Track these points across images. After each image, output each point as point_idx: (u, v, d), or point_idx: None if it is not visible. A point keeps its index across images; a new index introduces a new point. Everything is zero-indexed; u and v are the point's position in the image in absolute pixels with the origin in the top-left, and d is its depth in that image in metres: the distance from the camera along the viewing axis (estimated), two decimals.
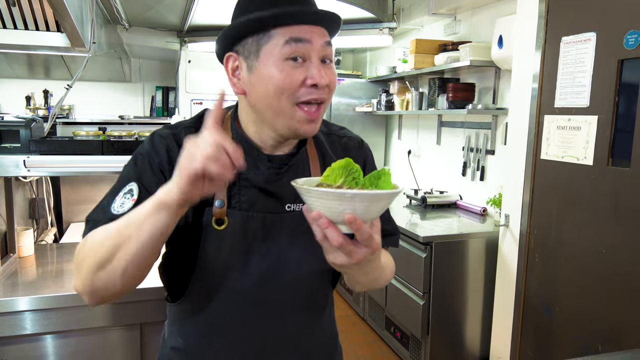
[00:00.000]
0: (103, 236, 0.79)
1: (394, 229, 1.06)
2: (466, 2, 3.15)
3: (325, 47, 0.85)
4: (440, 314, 2.68)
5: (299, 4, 0.84)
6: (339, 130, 1.07)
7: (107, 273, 0.77)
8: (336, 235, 0.68)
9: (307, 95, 0.83)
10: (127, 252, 0.75)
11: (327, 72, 0.85)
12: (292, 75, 0.82)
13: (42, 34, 1.96)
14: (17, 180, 2.06)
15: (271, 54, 0.82)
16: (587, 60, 1.96)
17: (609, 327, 1.91)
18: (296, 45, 0.82)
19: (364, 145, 1.08)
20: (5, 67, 4.25)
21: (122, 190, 0.87)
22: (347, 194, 0.66)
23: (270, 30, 0.82)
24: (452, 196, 3.40)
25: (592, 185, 1.96)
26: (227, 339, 0.93)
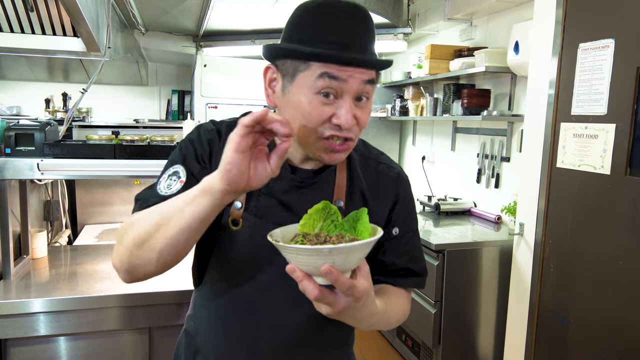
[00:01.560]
0: (146, 215, 0.80)
1: (421, 269, 1.02)
2: (482, 8, 3.12)
3: (364, 85, 0.82)
4: (452, 322, 2.64)
5: (344, 43, 0.80)
6: (378, 155, 1.04)
7: (144, 250, 0.78)
8: (312, 288, 0.67)
9: (331, 131, 0.82)
10: (166, 234, 0.76)
11: (359, 113, 0.83)
12: (320, 110, 0.81)
13: (59, 39, 1.99)
14: (32, 182, 2.09)
15: (305, 83, 0.81)
16: (605, 67, 1.92)
17: (626, 339, 1.86)
18: (330, 81, 0.79)
19: (402, 177, 1.02)
20: (25, 70, 4.33)
21: (166, 172, 0.90)
22: (323, 249, 0.65)
23: (309, 61, 0.80)
24: (466, 203, 3.36)
25: (609, 195, 1.92)
26: (229, 332, 0.95)
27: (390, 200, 0.99)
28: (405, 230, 1.00)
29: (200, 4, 3.13)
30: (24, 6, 1.82)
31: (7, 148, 1.62)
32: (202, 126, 0.95)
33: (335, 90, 0.80)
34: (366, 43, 0.82)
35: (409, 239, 1.00)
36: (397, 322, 0.96)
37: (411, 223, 1.02)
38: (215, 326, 0.97)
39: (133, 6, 2.99)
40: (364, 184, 0.97)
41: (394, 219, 0.99)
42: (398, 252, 0.99)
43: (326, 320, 0.97)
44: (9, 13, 1.86)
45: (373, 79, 0.83)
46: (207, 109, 4.57)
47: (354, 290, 0.68)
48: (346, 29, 0.80)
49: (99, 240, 2.38)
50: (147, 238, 0.78)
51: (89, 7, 1.84)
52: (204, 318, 0.99)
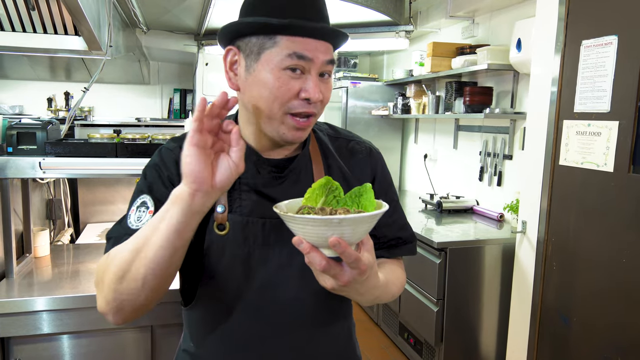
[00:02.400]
0: (121, 248, 0.78)
1: (410, 236, 1.04)
2: (484, 5, 3.11)
3: (327, 65, 0.85)
4: (455, 321, 2.64)
5: (309, 16, 0.82)
6: (347, 134, 1.06)
7: (127, 283, 0.75)
8: (319, 259, 0.68)
9: (299, 107, 0.83)
10: (146, 257, 0.73)
11: (323, 88, 0.85)
12: (288, 85, 0.82)
13: (61, 38, 2.00)
14: (35, 181, 2.09)
15: (272, 60, 0.82)
16: (608, 65, 1.91)
17: (629, 338, 1.85)
18: (297, 60, 0.81)
19: (374, 151, 1.05)
20: (27, 70, 4.34)
21: (134, 204, 0.88)
22: (333, 220, 0.65)
23: (276, 37, 0.81)
24: (468, 201, 3.35)
25: (612, 193, 1.91)
26: (234, 345, 0.93)
27: (368, 175, 1.01)
28: (388, 201, 1.00)
29: (202, 2, 3.13)
30: (26, 5, 1.82)
31: (9, 147, 1.62)
32: (163, 147, 0.94)
33: (303, 67, 0.82)
34: (326, 13, 0.87)
35: (393, 209, 0.99)
36: (398, 292, 0.97)
37: (392, 194, 1.04)
38: (221, 337, 0.94)
39: (134, 5, 2.99)
40: (340, 163, 0.98)
41: (377, 191, 0.99)
42: (387, 223, 1.00)
43: (326, 315, 0.97)
44: (10, 12, 1.86)
45: (334, 59, 0.87)
46: None
47: (359, 263, 0.68)
48: (309, 2, 0.83)
49: (101, 239, 2.38)
50: (127, 268, 0.74)
51: (90, 5, 1.84)
52: (204, 335, 0.96)
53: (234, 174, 0.73)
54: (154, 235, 0.73)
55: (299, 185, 0.91)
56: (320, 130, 1.02)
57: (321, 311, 0.97)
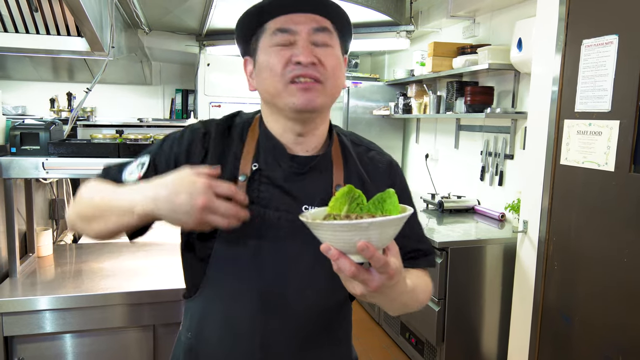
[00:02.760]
0: (90, 200, 0.91)
1: (428, 248, 1.04)
2: (485, 5, 3.11)
3: (315, 32, 0.88)
4: (456, 320, 2.64)
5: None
6: (369, 144, 1.08)
7: (83, 226, 0.93)
8: (348, 265, 0.68)
9: (295, 71, 0.86)
10: (97, 226, 0.89)
11: (320, 53, 0.88)
12: (279, 56, 0.87)
13: (63, 39, 2.01)
14: (38, 181, 2.11)
15: (264, 44, 0.89)
16: (609, 64, 1.92)
17: (631, 338, 1.85)
18: (282, 35, 0.87)
19: (394, 164, 1.07)
20: (30, 70, 4.36)
21: (139, 157, 0.97)
22: (362, 223, 0.65)
23: (264, 25, 0.89)
24: (469, 201, 3.35)
25: (613, 192, 1.91)
26: (234, 336, 0.94)
27: (386, 185, 0.99)
28: None
29: (203, 3, 3.14)
30: (29, 7, 1.83)
31: (13, 147, 1.63)
32: (190, 126, 0.99)
33: (289, 40, 0.87)
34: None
35: (411, 221, 1.01)
36: (425, 298, 0.96)
37: (411, 205, 1.03)
38: (222, 328, 0.94)
39: (136, 6, 3.00)
40: (360, 167, 1.00)
41: None
42: (405, 234, 0.98)
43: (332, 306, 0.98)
44: (13, 13, 1.87)
45: (326, 26, 0.89)
46: (211, 107, 4.58)
47: (388, 267, 0.69)
48: None
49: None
50: (86, 220, 0.91)
51: (93, 7, 1.85)
52: (207, 327, 0.96)
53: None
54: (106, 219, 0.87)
55: (317, 183, 0.93)
56: (344, 135, 1.04)
57: (324, 309, 0.97)
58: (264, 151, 0.94)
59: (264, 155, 0.94)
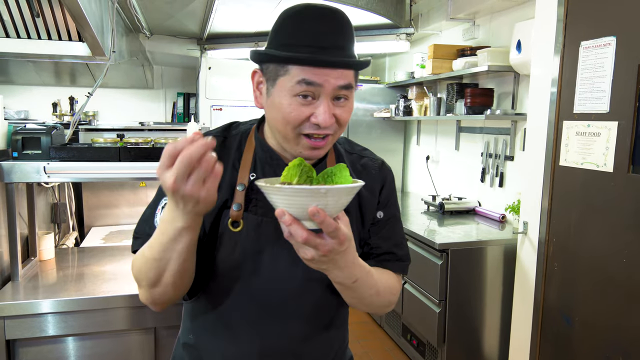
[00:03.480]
0: (148, 261, 0.87)
1: (404, 255, 1.06)
2: (484, 7, 3.12)
3: (340, 90, 0.85)
4: (457, 322, 2.65)
5: (321, 44, 0.83)
6: (361, 150, 1.09)
7: (160, 289, 0.88)
8: (300, 231, 0.70)
9: (310, 129, 0.86)
10: (172, 270, 0.84)
11: (338, 111, 0.87)
12: (299, 110, 0.85)
13: (65, 44, 2.03)
14: (40, 185, 2.12)
15: (284, 86, 0.85)
16: (607, 65, 1.92)
17: (631, 338, 1.85)
18: (307, 87, 0.83)
19: (385, 167, 1.09)
20: (32, 75, 4.39)
21: (159, 204, 0.96)
22: (320, 189, 0.68)
23: (287, 66, 0.84)
24: (470, 202, 3.36)
25: (612, 193, 1.91)
26: (234, 338, 0.96)
27: (377, 187, 1.04)
28: (389, 215, 1.05)
29: (204, 7, 3.16)
30: (31, 12, 1.85)
31: (15, 152, 1.65)
32: None
33: (313, 93, 0.84)
34: (342, 45, 0.85)
35: (393, 224, 1.05)
36: (384, 291, 0.96)
37: (394, 209, 1.07)
38: (222, 331, 0.97)
39: (137, 11, 3.02)
40: (353, 174, 1.00)
41: (380, 203, 1.04)
42: (383, 235, 1.03)
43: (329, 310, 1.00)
44: (15, 19, 1.89)
45: (350, 83, 0.86)
46: (212, 111, 4.60)
47: (339, 232, 0.71)
48: (321, 32, 0.84)
49: (105, 242, 2.41)
50: (158, 279, 0.86)
51: (94, 12, 1.87)
52: (207, 329, 0.99)
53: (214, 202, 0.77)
54: (173, 254, 0.82)
55: None
56: (339, 143, 1.06)
57: (321, 313, 0.99)
58: (261, 161, 0.96)
59: (261, 166, 0.96)
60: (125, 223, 2.79)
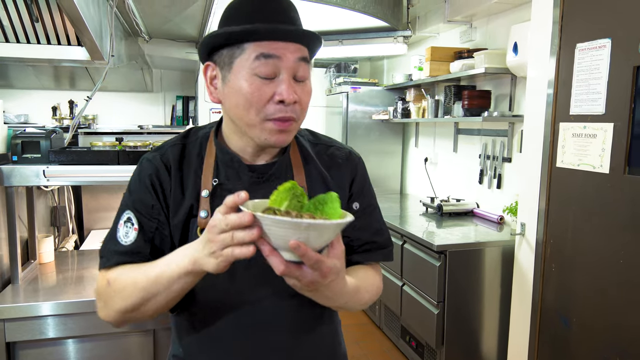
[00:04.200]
0: (132, 287, 0.84)
1: (385, 240, 1.04)
2: (481, 9, 3.14)
3: (298, 63, 0.85)
4: (456, 323, 2.65)
5: (273, 20, 0.83)
6: (327, 140, 1.07)
7: (137, 314, 0.86)
8: (277, 263, 0.69)
9: (276, 113, 0.84)
10: (157, 302, 0.83)
11: (299, 90, 0.86)
12: (261, 89, 0.83)
13: (64, 48, 2.04)
14: (39, 189, 2.13)
15: (242, 67, 0.84)
16: (602, 67, 1.94)
17: (628, 338, 1.86)
18: (265, 61, 0.82)
19: (353, 155, 1.05)
20: (32, 79, 4.40)
21: (121, 218, 0.93)
22: (302, 223, 0.65)
23: (243, 44, 0.83)
24: (468, 204, 3.37)
25: (608, 194, 1.93)
26: (221, 349, 0.94)
27: (347, 178, 1.02)
28: (365, 205, 1.03)
29: (202, 11, 3.17)
30: (30, 17, 1.87)
31: (14, 155, 1.66)
32: (144, 158, 0.97)
33: (273, 68, 0.83)
34: (295, 17, 0.87)
35: (370, 213, 1.03)
36: (370, 299, 0.96)
37: (369, 198, 1.05)
38: (207, 345, 0.95)
39: (136, 15, 3.04)
40: (321, 168, 0.99)
41: (354, 194, 1.02)
42: (362, 226, 1.00)
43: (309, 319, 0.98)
44: (15, 24, 1.91)
45: (306, 56, 0.86)
46: (211, 114, 4.62)
47: (322, 265, 0.70)
48: (272, 7, 0.84)
49: None
50: (139, 306, 0.84)
51: (92, 17, 1.88)
52: (192, 341, 0.97)
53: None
54: (166, 290, 0.81)
55: (276, 185, 0.93)
56: (301, 136, 1.04)
57: (303, 315, 0.97)
58: (223, 165, 0.94)
59: (223, 170, 0.94)
60: None
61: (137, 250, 0.90)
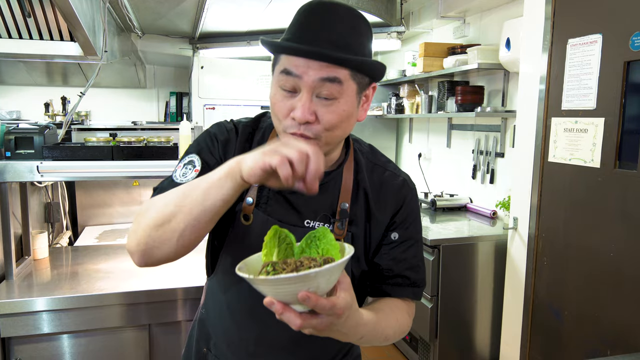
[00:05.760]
0: (169, 197, 0.81)
1: (419, 280, 1.00)
2: (475, 5, 3.15)
3: (321, 82, 0.80)
4: (449, 317, 2.68)
5: (306, 39, 0.81)
6: (386, 163, 1.04)
7: (164, 231, 0.79)
8: (294, 318, 0.68)
9: (290, 128, 0.83)
10: (189, 214, 0.78)
11: (321, 110, 0.82)
12: (282, 102, 0.84)
13: (56, 44, 2.03)
14: (33, 185, 2.13)
15: (275, 76, 0.85)
16: (594, 62, 1.96)
17: (618, 330, 1.89)
18: (286, 78, 0.82)
19: (406, 185, 1.02)
20: (24, 75, 4.37)
21: (182, 161, 0.94)
22: (310, 274, 0.63)
23: (279, 55, 0.84)
24: (462, 199, 3.39)
25: (599, 188, 1.95)
26: (235, 323, 0.99)
27: (393, 206, 0.99)
28: (405, 237, 1.00)
29: (195, 6, 3.16)
30: (22, 12, 1.86)
31: (7, 151, 1.66)
32: (222, 123, 1.00)
33: (293, 85, 0.82)
34: (335, 39, 0.81)
35: (409, 247, 1.00)
36: (394, 334, 0.93)
37: (413, 232, 1.01)
38: (225, 315, 1.01)
39: (129, 10, 3.03)
40: (369, 188, 0.98)
41: (396, 224, 0.99)
42: (396, 258, 0.98)
43: None
44: (6, 19, 1.90)
45: (335, 77, 0.80)
46: (205, 110, 4.60)
47: (335, 309, 0.68)
48: (314, 24, 0.82)
49: (99, 241, 2.42)
50: (168, 219, 0.79)
51: (85, 12, 1.87)
52: (215, 307, 1.04)
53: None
54: (203, 196, 0.77)
55: (323, 200, 0.94)
56: (361, 152, 1.02)
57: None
58: None
59: None
60: (118, 222, 2.79)
61: None
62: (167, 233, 0.79)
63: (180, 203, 0.79)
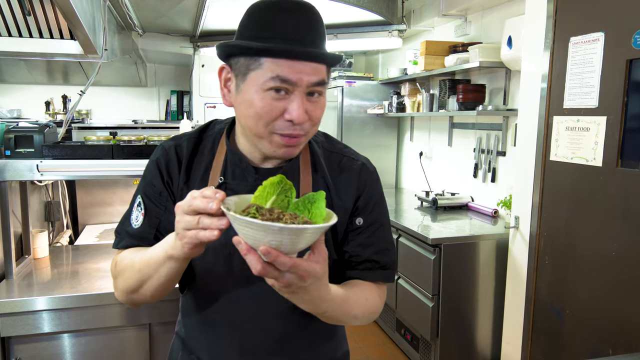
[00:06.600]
0: (130, 269, 0.91)
1: (389, 262, 1.00)
2: (476, 3, 3.14)
3: (315, 85, 0.83)
4: (450, 316, 2.67)
5: (296, 38, 0.80)
6: (342, 149, 1.03)
7: (138, 295, 0.92)
8: (255, 262, 0.68)
9: (284, 129, 0.83)
10: (151, 285, 0.89)
11: (311, 108, 0.84)
12: (271, 105, 0.82)
13: (56, 42, 2.03)
14: (33, 183, 2.12)
15: (256, 81, 0.82)
16: (596, 61, 1.95)
17: (620, 330, 1.88)
18: (281, 84, 0.80)
19: (365, 169, 1.01)
20: (25, 74, 4.37)
21: (135, 201, 0.99)
22: (273, 227, 0.63)
23: (260, 59, 0.81)
24: (463, 198, 3.38)
25: (601, 187, 1.94)
26: (216, 336, 0.98)
27: (354, 192, 0.98)
28: (370, 222, 0.99)
29: (196, 4, 3.16)
30: (22, 10, 1.85)
31: (7, 150, 1.65)
32: (160, 147, 1.00)
33: (287, 89, 0.81)
34: (313, 39, 0.82)
35: (374, 230, 0.99)
36: (363, 314, 0.93)
37: (378, 215, 1.00)
38: (204, 329, 0.99)
39: (129, 8, 3.02)
40: (328, 177, 0.97)
41: (359, 209, 0.98)
42: (362, 243, 0.98)
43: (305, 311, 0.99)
44: (7, 18, 1.89)
45: (324, 79, 0.84)
46: (206, 108, 4.60)
47: (298, 269, 0.68)
48: (293, 25, 0.81)
49: (99, 240, 2.41)
50: (137, 287, 0.91)
51: (85, 10, 1.87)
52: (192, 323, 1.02)
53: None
54: (156, 274, 0.86)
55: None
56: (315, 141, 1.01)
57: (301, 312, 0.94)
58: (231, 164, 0.95)
59: (231, 169, 0.94)
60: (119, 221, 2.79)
61: (144, 235, 0.96)
62: (140, 296, 0.92)
63: (140, 278, 0.89)
